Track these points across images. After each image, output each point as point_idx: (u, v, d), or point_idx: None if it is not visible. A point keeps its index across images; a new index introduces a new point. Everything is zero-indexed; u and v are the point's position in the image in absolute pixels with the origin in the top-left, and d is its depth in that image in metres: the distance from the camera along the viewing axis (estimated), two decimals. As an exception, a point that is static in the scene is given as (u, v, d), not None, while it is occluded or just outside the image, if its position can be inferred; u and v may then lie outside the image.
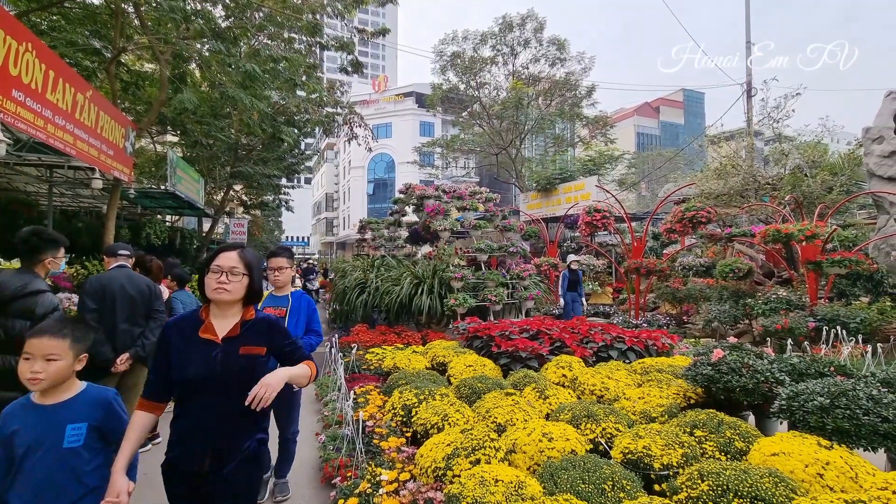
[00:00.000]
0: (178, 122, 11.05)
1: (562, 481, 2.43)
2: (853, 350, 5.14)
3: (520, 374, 4.37)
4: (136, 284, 3.47)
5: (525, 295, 8.30)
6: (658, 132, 61.76)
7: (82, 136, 5.22)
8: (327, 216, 55.42)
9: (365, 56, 13.67)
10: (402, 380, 4.44)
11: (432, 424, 3.35)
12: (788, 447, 2.54)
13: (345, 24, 10.35)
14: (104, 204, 8.83)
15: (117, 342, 3.24)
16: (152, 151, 13.19)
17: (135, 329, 3.36)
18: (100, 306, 3.20)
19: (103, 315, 3.20)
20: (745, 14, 15.92)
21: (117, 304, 3.28)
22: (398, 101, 43.51)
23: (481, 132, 23.65)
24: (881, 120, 9.09)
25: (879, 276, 7.98)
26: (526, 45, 22.24)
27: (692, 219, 8.82)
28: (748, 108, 15.06)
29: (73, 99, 4.96)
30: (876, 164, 8.94)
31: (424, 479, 2.78)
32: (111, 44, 7.28)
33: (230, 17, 8.53)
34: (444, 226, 8.81)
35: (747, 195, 11.58)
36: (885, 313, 6.67)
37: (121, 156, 6.46)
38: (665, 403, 3.60)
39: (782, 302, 7.63)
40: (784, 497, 2.14)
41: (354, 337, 6.96)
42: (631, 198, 28.19)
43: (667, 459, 2.64)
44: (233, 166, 13.60)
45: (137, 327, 3.37)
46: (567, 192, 15.53)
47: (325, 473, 3.28)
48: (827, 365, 3.70)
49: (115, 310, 3.27)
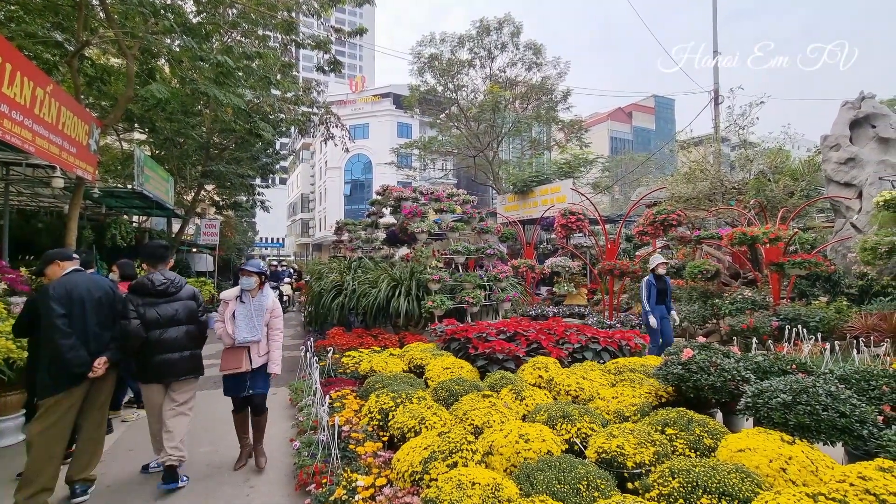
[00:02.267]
0: (147, 120, 10.66)
1: (538, 482, 2.46)
2: (813, 348, 5.38)
3: (497, 376, 4.40)
4: (101, 287, 3.35)
5: (502, 297, 8.36)
6: (631, 137, 63.30)
7: (42, 133, 4.98)
8: (303, 217, 54.52)
9: (342, 56, 13.56)
10: (378, 383, 4.40)
11: (409, 428, 3.33)
12: (754, 443, 2.64)
13: (321, 22, 10.21)
14: (66, 204, 8.44)
15: (91, 346, 3.13)
16: (118, 149, 12.69)
17: (105, 333, 3.25)
18: (69, 311, 3.06)
19: (73, 320, 3.07)
20: (712, 24, 16.52)
21: (87, 307, 3.16)
22: (375, 101, 43.22)
23: (459, 134, 23.76)
24: (837, 128, 9.57)
25: (837, 276, 8.39)
26: (503, 49, 22.49)
27: (663, 221, 9.08)
28: (715, 115, 15.62)
29: (31, 93, 4.72)
30: (833, 171, 9.40)
31: (401, 484, 2.76)
32: (74, 37, 6.97)
33: (202, 12, 8.30)
34: (421, 228, 8.79)
35: (715, 199, 11.99)
36: (842, 312, 7.02)
37: (84, 153, 6.19)
38: (638, 402, 3.68)
39: (748, 302, 7.92)
40: (750, 492, 2.22)
41: (330, 340, 6.87)
42: (605, 200, 28.78)
43: (639, 458, 2.70)
44: (204, 165, 13.20)
45: (108, 331, 3.26)
46: (543, 195, 15.74)
47: (300, 480, 3.22)
48: (789, 363, 3.86)
49: (86, 313, 3.15)
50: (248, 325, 3.55)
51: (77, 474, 3.19)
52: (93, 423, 3.27)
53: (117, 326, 3.30)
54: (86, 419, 3.24)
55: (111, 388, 3.42)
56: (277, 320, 3.75)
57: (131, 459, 3.84)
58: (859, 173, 8.98)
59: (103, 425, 3.39)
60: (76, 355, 3.00)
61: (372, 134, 41.70)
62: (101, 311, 3.25)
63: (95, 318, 3.20)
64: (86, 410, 3.23)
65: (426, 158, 26.45)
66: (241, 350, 3.55)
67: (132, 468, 3.67)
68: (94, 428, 3.28)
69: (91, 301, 3.20)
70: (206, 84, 7.00)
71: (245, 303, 3.62)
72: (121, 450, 4.07)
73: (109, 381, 3.36)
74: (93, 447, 3.28)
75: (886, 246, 6.79)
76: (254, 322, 3.58)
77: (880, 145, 9.05)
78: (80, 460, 3.23)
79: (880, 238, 6.93)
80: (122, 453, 4.00)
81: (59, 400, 3.00)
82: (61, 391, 3.00)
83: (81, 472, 3.21)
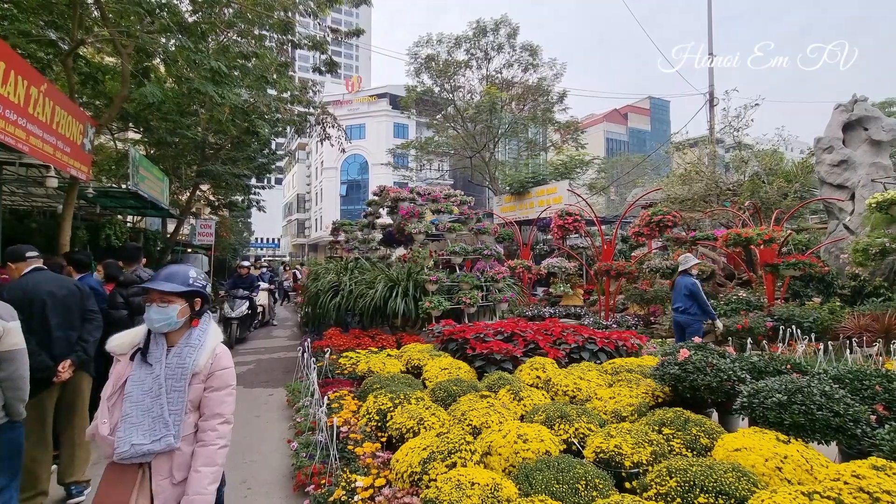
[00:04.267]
0: (142, 119, 10.60)
1: (537, 482, 2.47)
2: (807, 348, 5.43)
3: (494, 377, 4.41)
4: (66, 286, 3.19)
5: (499, 297, 8.37)
6: (626, 138, 63.61)
7: (36, 132, 4.94)
8: (299, 217, 54.34)
9: (338, 56, 13.51)
10: (376, 384, 4.40)
11: (408, 428, 3.34)
12: (750, 442, 2.66)
13: (318, 22, 10.19)
14: (60, 203, 8.37)
15: (54, 350, 3.00)
16: (113, 149, 12.59)
17: (71, 334, 3.11)
18: (26, 315, 2.82)
19: (32, 324, 2.90)
20: (707, 27, 16.64)
21: (48, 309, 3.02)
22: (372, 102, 43.14)
23: (455, 135, 23.77)
24: (831, 131, 9.65)
25: (830, 277, 8.47)
26: (499, 50, 22.52)
27: (659, 223, 9.13)
28: (710, 117, 15.73)
29: (25, 92, 4.68)
30: (826, 173, 9.49)
31: (400, 485, 2.77)
32: (69, 35, 6.92)
33: (198, 12, 8.26)
34: (418, 228, 8.79)
35: (710, 200, 12.08)
36: (835, 313, 7.08)
37: (78, 153, 6.15)
38: (635, 402, 3.70)
39: (742, 303, 7.98)
40: (746, 491, 2.24)
41: (327, 341, 6.85)
42: (600, 201, 28.88)
43: (637, 458, 2.72)
44: (200, 165, 13.14)
45: (73, 332, 3.13)
46: (539, 196, 15.78)
47: (298, 481, 3.21)
48: (784, 363, 3.90)
49: (47, 316, 3.01)
50: (149, 417, 1.76)
51: (67, 478, 3.13)
52: (74, 428, 3.17)
53: (87, 326, 3.19)
54: (66, 425, 3.14)
55: (86, 391, 3.29)
56: (218, 399, 1.86)
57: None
58: (852, 175, 9.07)
59: (79, 421, 3.25)
60: (35, 361, 2.78)
61: (368, 134, 41.64)
62: (65, 311, 3.10)
63: (59, 319, 3.06)
64: (64, 416, 3.12)
65: (423, 159, 26.44)
66: (128, 474, 1.75)
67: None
68: (76, 433, 3.17)
69: (54, 302, 3.05)
70: (202, 83, 6.97)
71: (150, 365, 1.82)
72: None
73: (83, 383, 3.24)
74: (79, 452, 3.19)
75: (878, 247, 6.87)
76: (162, 407, 1.77)
77: (872, 148, 9.14)
78: (66, 465, 3.15)
79: (872, 239, 7.01)
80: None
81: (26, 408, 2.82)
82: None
83: (71, 476, 3.14)
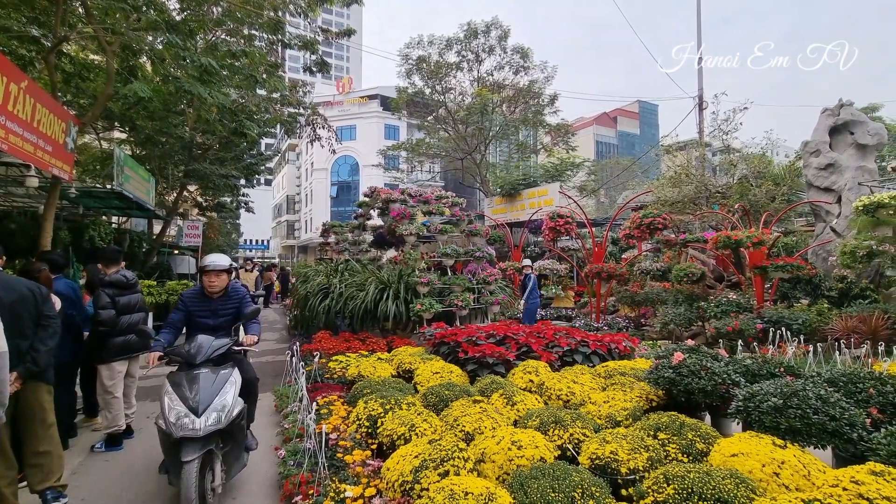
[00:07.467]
0: (127, 118, 10.38)
1: (532, 491, 2.41)
2: (797, 350, 5.45)
3: (487, 381, 4.35)
4: (16, 290, 2.89)
5: (491, 300, 8.32)
6: (616, 141, 64.13)
7: (15, 130, 4.78)
8: (288, 219, 53.87)
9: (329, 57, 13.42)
10: (367, 389, 4.31)
11: (399, 435, 3.26)
12: (746, 447, 2.63)
13: (308, 22, 10.10)
14: (41, 204, 8.15)
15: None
16: (97, 148, 12.34)
17: (21, 342, 2.82)
18: None
19: None
20: (696, 31, 16.82)
21: None
22: (363, 103, 42.99)
23: (447, 137, 23.75)
24: (818, 135, 9.78)
25: (818, 279, 8.56)
26: (490, 53, 22.57)
27: (650, 225, 9.17)
28: (700, 121, 15.89)
29: (5, 89, 4.53)
30: (814, 176, 9.61)
31: (391, 494, 2.69)
32: (51, 32, 6.75)
33: (185, 9, 8.11)
34: (410, 230, 8.71)
35: (699, 203, 12.18)
36: (823, 315, 7.15)
37: (60, 152, 5.98)
38: (629, 407, 3.67)
39: (732, 305, 8.02)
40: (745, 498, 2.20)
41: (317, 344, 6.74)
42: (591, 204, 29.06)
43: (633, 464, 2.67)
44: (187, 165, 12.92)
45: (24, 340, 2.84)
46: (531, 198, 15.81)
47: (285, 491, 3.11)
48: (777, 366, 3.89)
49: None
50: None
51: (39, 485, 2.94)
52: (39, 438, 2.96)
53: (40, 332, 2.94)
54: (28, 437, 2.94)
55: (45, 400, 3.05)
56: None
57: (107, 469, 3.69)
58: (839, 178, 9.19)
59: (53, 440, 3.04)
60: None
61: (359, 135, 41.46)
62: (15, 318, 2.79)
63: (4, 327, 2.66)
64: (23, 429, 2.93)
65: (413, 161, 26.37)
66: None
67: (110, 477, 3.52)
68: (40, 443, 2.96)
69: (2, 308, 2.72)
70: (190, 82, 6.83)
71: None
72: (98, 460, 3.91)
73: (39, 393, 3.00)
74: (47, 460, 2.98)
75: (865, 250, 6.94)
76: None
77: (858, 151, 9.28)
78: (35, 474, 2.95)
79: (859, 242, 7.09)
80: (100, 463, 3.83)
81: None
82: None
83: (44, 483, 2.94)
